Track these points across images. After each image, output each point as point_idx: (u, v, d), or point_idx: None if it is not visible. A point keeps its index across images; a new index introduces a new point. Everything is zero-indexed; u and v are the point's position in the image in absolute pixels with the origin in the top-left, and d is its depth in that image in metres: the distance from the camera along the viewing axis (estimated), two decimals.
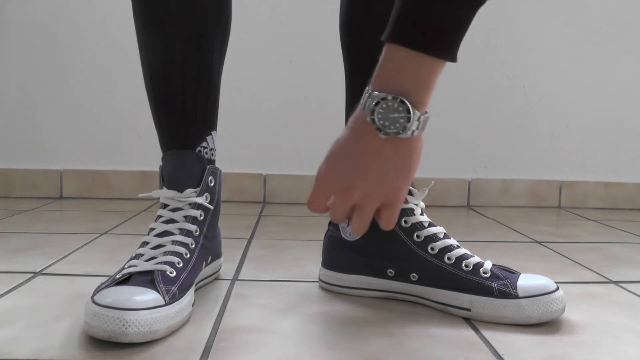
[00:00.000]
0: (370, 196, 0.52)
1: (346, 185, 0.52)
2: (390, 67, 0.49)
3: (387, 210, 0.54)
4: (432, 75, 0.49)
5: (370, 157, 0.51)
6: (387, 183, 0.52)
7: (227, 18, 0.72)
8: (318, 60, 1.51)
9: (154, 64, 0.69)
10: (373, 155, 0.51)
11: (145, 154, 1.52)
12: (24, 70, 1.49)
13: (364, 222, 0.54)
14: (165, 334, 0.56)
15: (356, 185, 0.52)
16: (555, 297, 0.61)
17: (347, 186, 0.52)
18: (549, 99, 1.58)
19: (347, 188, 0.52)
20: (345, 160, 0.52)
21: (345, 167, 0.52)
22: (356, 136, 0.52)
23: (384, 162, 0.51)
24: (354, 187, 0.52)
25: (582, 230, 1.24)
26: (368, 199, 0.53)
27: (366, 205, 0.53)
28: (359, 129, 0.52)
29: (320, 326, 0.61)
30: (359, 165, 0.52)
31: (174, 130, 0.70)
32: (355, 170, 0.52)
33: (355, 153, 0.52)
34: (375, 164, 0.51)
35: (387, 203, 0.53)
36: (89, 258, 0.88)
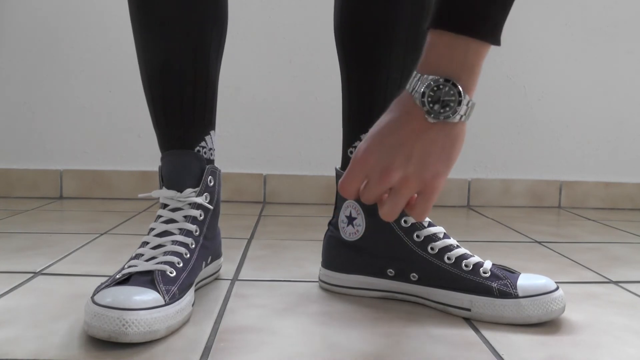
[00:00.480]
0: (409, 179, 0.51)
1: (386, 166, 0.50)
2: (437, 52, 0.50)
3: (424, 198, 0.52)
4: (478, 59, 0.50)
5: (414, 139, 0.50)
6: (428, 167, 0.50)
7: (223, 18, 0.73)
8: (318, 60, 1.51)
9: (151, 64, 0.69)
10: (417, 138, 0.50)
11: (145, 154, 1.52)
12: (24, 70, 1.49)
13: (397, 207, 0.52)
14: (165, 333, 0.56)
15: (396, 166, 0.50)
16: (555, 297, 0.61)
17: (387, 166, 0.50)
18: (549, 99, 1.58)
19: (387, 168, 0.50)
20: (387, 141, 0.51)
21: (387, 147, 0.51)
22: (401, 118, 0.51)
23: (428, 146, 0.50)
24: (393, 168, 0.50)
25: (582, 230, 1.24)
26: (406, 183, 0.51)
27: (403, 188, 0.51)
28: (405, 111, 0.51)
29: (320, 326, 0.61)
30: (401, 147, 0.50)
31: (172, 131, 0.70)
32: (397, 150, 0.50)
33: (398, 134, 0.50)
34: (418, 147, 0.50)
35: (424, 190, 0.52)
36: (89, 258, 0.88)
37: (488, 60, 1.54)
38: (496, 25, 0.49)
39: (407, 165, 0.50)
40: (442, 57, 0.49)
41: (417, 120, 0.50)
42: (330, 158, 1.53)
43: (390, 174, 0.51)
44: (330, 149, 1.53)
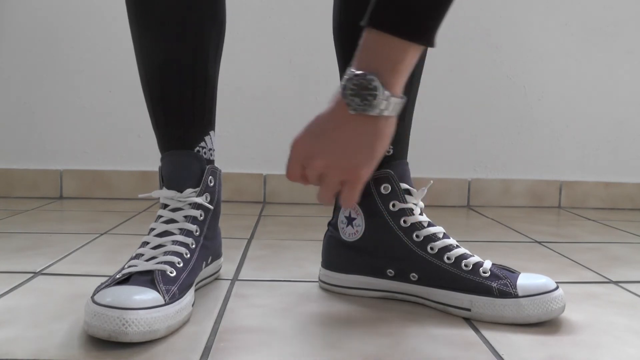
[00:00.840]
0: (332, 168, 0.55)
1: (311, 153, 0.55)
2: (365, 48, 0.53)
3: (348, 187, 0.56)
4: (403, 58, 0.52)
5: (335, 128, 0.54)
6: (348, 157, 0.54)
7: (222, 18, 0.73)
8: (318, 60, 1.51)
9: (150, 65, 0.69)
10: (338, 128, 0.54)
11: (145, 154, 1.52)
12: (24, 70, 1.49)
13: (327, 192, 0.57)
14: (165, 333, 0.56)
15: (317, 153, 0.54)
16: (555, 296, 0.61)
17: (312, 154, 0.55)
18: (549, 99, 1.58)
19: (312, 156, 0.55)
20: (313, 129, 0.55)
21: (312, 135, 0.55)
22: (329, 110, 0.55)
23: (348, 137, 0.53)
24: (315, 155, 0.55)
25: (582, 230, 1.24)
26: (330, 170, 0.55)
27: (328, 175, 0.56)
28: (333, 103, 0.54)
29: (320, 326, 0.61)
30: (323, 135, 0.54)
31: (172, 131, 0.70)
32: (319, 139, 0.55)
33: (323, 124, 0.55)
34: (339, 136, 0.54)
35: (348, 179, 0.56)
36: (89, 258, 0.88)
37: (488, 60, 1.55)
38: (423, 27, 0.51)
39: (327, 153, 0.54)
40: (368, 53, 0.52)
41: (341, 110, 0.53)
42: None
43: (313, 160, 0.55)
44: None
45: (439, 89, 1.54)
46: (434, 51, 1.53)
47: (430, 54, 1.64)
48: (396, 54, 0.51)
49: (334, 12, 0.74)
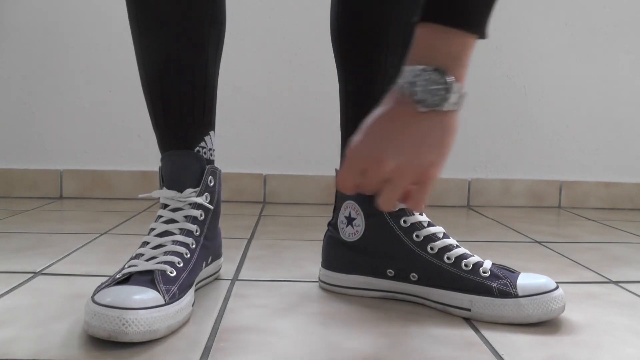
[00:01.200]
0: (402, 170, 0.51)
1: (379, 157, 0.51)
2: (423, 44, 0.51)
3: (419, 188, 0.53)
4: (463, 50, 0.51)
5: (405, 129, 0.51)
6: (422, 157, 0.51)
7: (221, 18, 0.73)
8: (318, 60, 1.51)
9: (150, 65, 0.69)
10: (408, 128, 0.51)
11: (145, 154, 1.52)
12: (24, 70, 1.49)
13: (393, 197, 0.53)
14: (165, 333, 0.56)
15: (389, 155, 0.51)
16: (554, 296, 0.61)
17: (379, 157, 0.51)
18: (549, 99, 1.58)
19: (380, 159, 0.51)
20: (379, 132, 0.52)
21: (379, 138, 0.51)
22: (392, 109, 0.52)
23: (419, 135, 0.51)
24: (387, 158, 0.51)
25: (582, 230, 1.24)
26: (400, 173, 0.51)
27: (397, 179, 0.52)
28: (396, 102, 0.51)
29: (320, 326, 0.61)
30: (393, 137, 0.51)
31: (171, 131, 0.70)
32: (389, 141, 0.51)
33: (390, 125, 0.51)
34: (410, 137, 0.51)
35: (419, 180, 0.52)
36: (89, 258, 0.88)
37: (488, 60, 1.55)
38: (479, 18, 0.51)
39: (399, 155, 0.51)
40: (429, 48, 0.51)
41: (408, 110, 0.51)
42: (330, 158, 1.53)
43: (383, 164, 0.51)
44: (330, 149, 1.53)
45: None
46: None
47: None
48: (458, 47, 0.50)
49: (332, 13, 0.74)
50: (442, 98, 0.50)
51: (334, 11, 0.73)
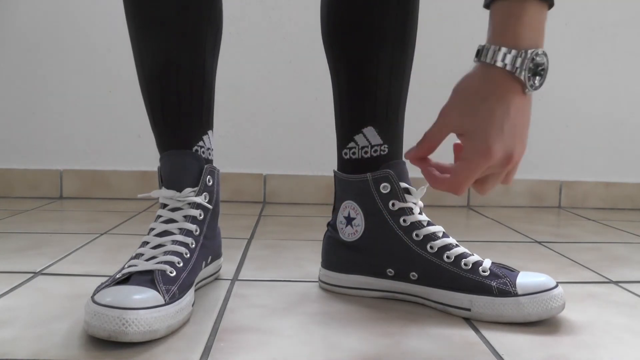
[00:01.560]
0: (521, 156, 0.52)
1: (509, 152, 0.51)
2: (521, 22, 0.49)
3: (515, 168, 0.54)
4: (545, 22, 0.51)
5: (521, 117, 0.51)
6: (526, 139, 0.52)
7: (218, 17, 0.73)
8: (318, 60, 1.51)
9: (147, 65, 0.69)
10: (522, 114, 0.51)
11: (145, 154, 1.52)
12: (24, 70, 1.49)
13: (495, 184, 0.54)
14: (165, 333, 0.56)
15: (517, 148, 0.51)
16: (554, 294, 0.61)
17: (510, 152, 0.51)
18: (549, 99, 1.58)
19: (510, 154, 0.51)
20: (503, 127, 0.50)
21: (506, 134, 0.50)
22: (505, 98, 0.50)
23: (526, 119, 0.52)
24: (515, 152, 0.51)
25: (582, 230, 1.24)
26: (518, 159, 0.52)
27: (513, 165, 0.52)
28: (505, 90, 0.50)
29: (320, 326, 0.61)
30: (516, 128, 0.51)
31: (170, 131, 0.70)
32: (514, 133, 0.51)
33: (510, 117, 0.50)
34: (524, 123, 0.52)
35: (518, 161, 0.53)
36: (89, 258, 0.88)
37: None
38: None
39: (522, 144, 0.51)
40: (526, 27, 0.49)
41: (518, 95, 0.51)
42: (330, 158, 1.53)
43: (514, 156, 0.51)
44: (330, 149, 1.53)
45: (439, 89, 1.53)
46: (434, 51, 1.53)
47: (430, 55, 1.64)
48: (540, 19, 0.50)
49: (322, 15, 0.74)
50: (543, 80, 0.51)
51: (323, 20, 0.73)
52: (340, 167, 0.73)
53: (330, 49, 0.73)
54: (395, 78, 0.70)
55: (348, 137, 0.71)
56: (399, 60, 0.69)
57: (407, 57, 0.71)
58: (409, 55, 0.71)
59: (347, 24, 0.70)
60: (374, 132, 0.69)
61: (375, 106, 0.69)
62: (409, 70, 0.72)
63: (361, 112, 0.70)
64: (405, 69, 0.71)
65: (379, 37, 0.68)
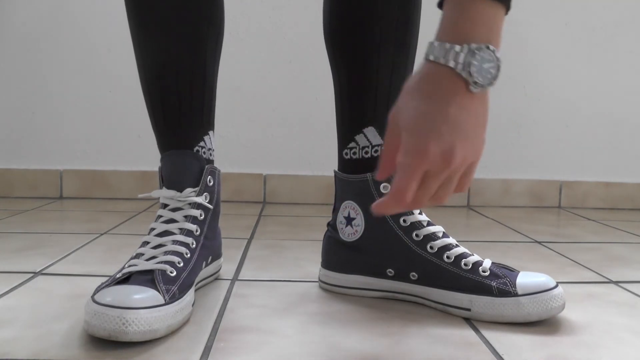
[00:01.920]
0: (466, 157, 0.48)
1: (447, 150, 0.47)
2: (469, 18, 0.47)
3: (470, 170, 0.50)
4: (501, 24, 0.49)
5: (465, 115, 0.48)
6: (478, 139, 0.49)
7: (220, 17, 0.73)
8: (318, 60, 1.51)
9: (149, 65, 0.69)
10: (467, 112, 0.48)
11: (145, 154, 1.52)
12: (24, 70, 1.49)
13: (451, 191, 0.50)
14: (165, 333, 0.56)
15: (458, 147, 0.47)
16: (554, 294, 0.61)
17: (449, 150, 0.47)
18: (549, 99, 1.58)
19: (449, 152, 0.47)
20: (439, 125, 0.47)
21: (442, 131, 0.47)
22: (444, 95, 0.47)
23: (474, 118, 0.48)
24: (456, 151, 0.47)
25: (582, 230, 1.24)
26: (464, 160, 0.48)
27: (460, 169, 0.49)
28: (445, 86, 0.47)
29: (320, 326, 0.61)
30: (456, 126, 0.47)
31: (171, 131, 0.70)
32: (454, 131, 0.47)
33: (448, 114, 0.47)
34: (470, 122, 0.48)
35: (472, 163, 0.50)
36: (89, 258, 0.88)
37: None
38: None
39: (465, 144, 0.48)
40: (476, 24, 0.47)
41: (462, 93, 0.47)
42: (330, 158, 1.53)
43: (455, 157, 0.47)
44: (330, 149, 1.53)
45: None
46: None
47: None
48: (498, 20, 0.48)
49: (324, 15, 0.74)
50: (493, 77, 0.48)
51: (326, 17, 0.73)
52: (341, 167, 0.73)
53: (331, 49, 0.73)
54: (397, 78, 0.70)
55: (349, 137, 0.71)
56: (400, 60, 0.70)
57: (408, 58, 0.71)
58: (410, 55, 0.71)
59: (349, 24, 0.70)
60: (374, 132, 0.69)
61: (376, 106, 0.69)
62: (410, 70, 0.72)
63: (362, 112, 0.70)
64: (406, 69, 0.71)
65: (380, 37, 0.68)
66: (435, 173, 0.48)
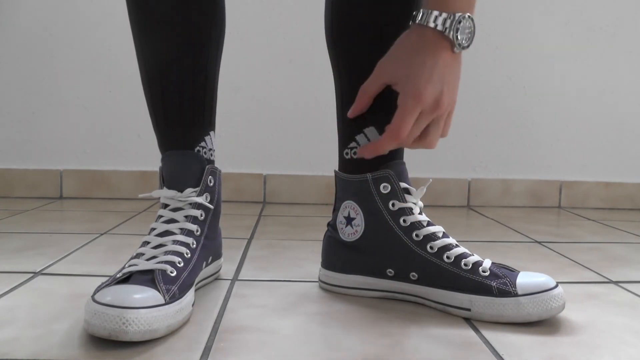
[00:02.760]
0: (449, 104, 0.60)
1: (437, 96, 0.59)
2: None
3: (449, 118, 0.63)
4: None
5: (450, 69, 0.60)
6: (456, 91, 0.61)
7: (222, 18, 0.73)
8: (318, 60, 1.51)
9: (150, 65, 0.69)
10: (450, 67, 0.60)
11: (145, 154, 1.52)
12: (24, 70, 1.49)
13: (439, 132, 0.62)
14: (165, 333, 0.56)
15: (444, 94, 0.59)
16: (554, 294, 0.61)
17: (438, 96, 0.59)
18: (549, 99, 1.58)
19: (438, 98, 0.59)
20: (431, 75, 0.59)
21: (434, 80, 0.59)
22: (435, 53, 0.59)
23: (455, 73, 0.61)
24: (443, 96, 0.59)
25: (582, 230, 1.24)
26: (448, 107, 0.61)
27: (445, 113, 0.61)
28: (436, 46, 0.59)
29: (320, 326, 0.61)
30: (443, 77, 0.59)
31: (172, 131, 0.70)
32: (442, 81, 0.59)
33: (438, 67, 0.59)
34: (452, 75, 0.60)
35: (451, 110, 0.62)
36: (89, 258, 0.88)
37: (488, 60, 1.55)
38: None
39: (450, 92, 0.60)
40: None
41: (447, 52, 0.59)
42: (331, 158, 1.54)
43: (443, 101, 0.59)
44: (330, 149, 1.53)
45: None
46: None
47: None
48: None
49: (326, 15, 0.74)
50: (471, 40, 0.60)
51: (327, 12, 0.73)
52: (341, 167, 0.73)
53: (333, 48, 0.73)
54: None
55: (349, 136, 0.71)
56: None
57: None
58: None
59: (350, 23, 0.70)
60: (375, 132, 0.69)
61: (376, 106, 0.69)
62: None
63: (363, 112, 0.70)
64: None
65: (381, 36, 0.68)
66: (426, 114, 0.60)
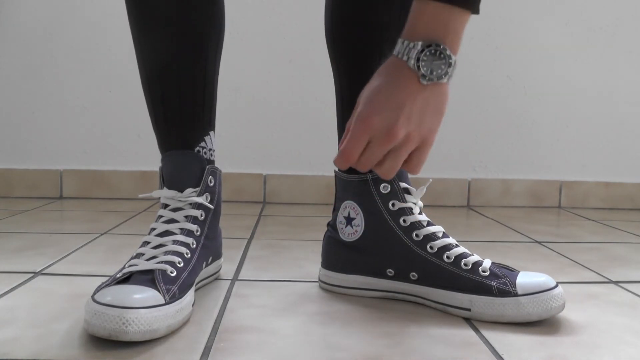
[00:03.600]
0: (410, 137, 0.56)
1: (391, 126, 0.55)
2: (424, 20, 0.54)
3: (420, 152, 0.58)
4: (460, 24, 0.55)
5: (412, 100, 0.55)
6: (425, 124, 0.56)
7: (221, 18, 0.73)
8: (318, 60, 1.51)
9: (150, 65, 0.69)
10: (414, 99, 0.55)
11: (145, 154, 1.52)
12: (24, 70, 1.49)
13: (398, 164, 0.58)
14: (165, 333, 0.56)
15: (400, 124, 0.55)
16: (554, 294, 0.61)
17: (392, 126, 0.55)
18: (549, 99, 1.58)
19: (392, 128, 0.55)
20: (387, 103, 0.55)
21: (390, 109, 0.55)
22: (398, 83, 0.55)
23: (423, 105, 0.56)
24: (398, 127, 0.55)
25: (582, 230, 1.24)
26: (408, 140, 0.56)
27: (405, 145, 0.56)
28: (398, 76, 0.55)
29: (320, 326, 0.61)
30: (403, 107, 0.55)
31: (172, 131, 0.70)
32: (399, 111, 0.55)
33: (397, 97, 0.55)
34: (416, 107, 0.55)
35: (421, 145, 0.57)
36: (89, 258, 0.88)
37: (488, 60, 1.55)
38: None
39: (409, 123, 0.55)
40: (429, 25, 0.54)
41: (412, 83, 0.55)
42: (331, 158, 1.54)
43: (396, 132, 0.55)
44: (330, 149, 1.53)
45: None
46: None
47: None
48: (455, 22, 0.54)
49: (326, 15, 0.74)
50: (443, 72, 0.54)
51: (328, 13, 0.73)
52: None
53: (332, 45, 0.73)
54: None
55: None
56: None
57: None
58: None
59: (350, 20, 0.70)
60: None
61: None
62: None
63: None
64: None
65: (381, 33, 0.68)
66: (377, 142, 0.56)
